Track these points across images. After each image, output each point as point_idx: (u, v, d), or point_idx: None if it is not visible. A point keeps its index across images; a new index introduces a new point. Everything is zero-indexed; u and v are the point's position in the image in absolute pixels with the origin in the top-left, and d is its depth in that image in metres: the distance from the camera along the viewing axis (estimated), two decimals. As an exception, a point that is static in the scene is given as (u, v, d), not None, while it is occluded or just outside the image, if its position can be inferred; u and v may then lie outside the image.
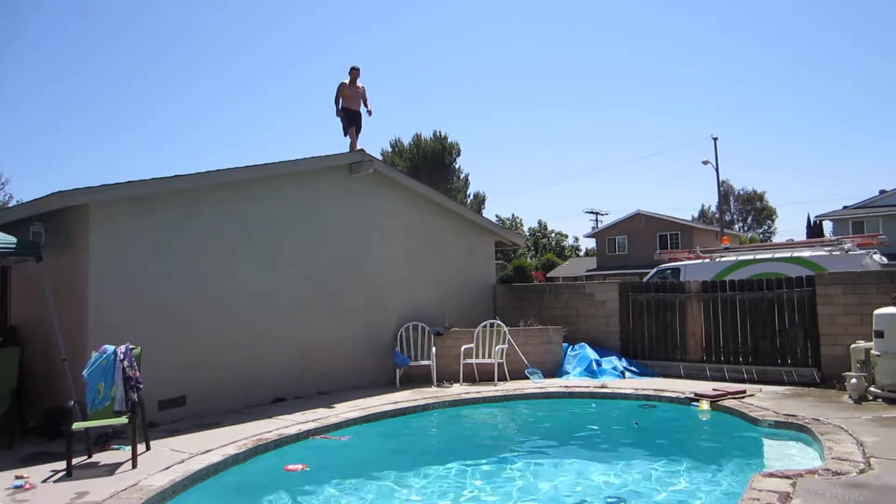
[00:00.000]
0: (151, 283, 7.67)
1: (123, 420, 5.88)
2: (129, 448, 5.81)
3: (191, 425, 7.31)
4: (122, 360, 6.13)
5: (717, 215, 49.44)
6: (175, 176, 7.83)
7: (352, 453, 6.77)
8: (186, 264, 8.06)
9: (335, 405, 8.40)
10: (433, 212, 11.92)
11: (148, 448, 6.21)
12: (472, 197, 48.76)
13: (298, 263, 9.45)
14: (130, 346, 6.35)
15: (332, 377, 9.62)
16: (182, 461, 5.80)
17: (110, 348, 6.21)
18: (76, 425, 5.76)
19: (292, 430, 7.04)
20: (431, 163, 44.58)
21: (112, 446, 6.41)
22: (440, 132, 46.68)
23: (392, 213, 11.09)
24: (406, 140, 47.09)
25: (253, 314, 8.74)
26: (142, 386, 6.21)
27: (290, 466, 6.01)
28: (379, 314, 10.62)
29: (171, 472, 5.45)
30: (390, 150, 46.63)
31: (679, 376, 10.41)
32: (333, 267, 9.98)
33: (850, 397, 7.86)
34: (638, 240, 41.91)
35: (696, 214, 66.87)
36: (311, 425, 7.30)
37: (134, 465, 5.62)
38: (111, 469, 5.62)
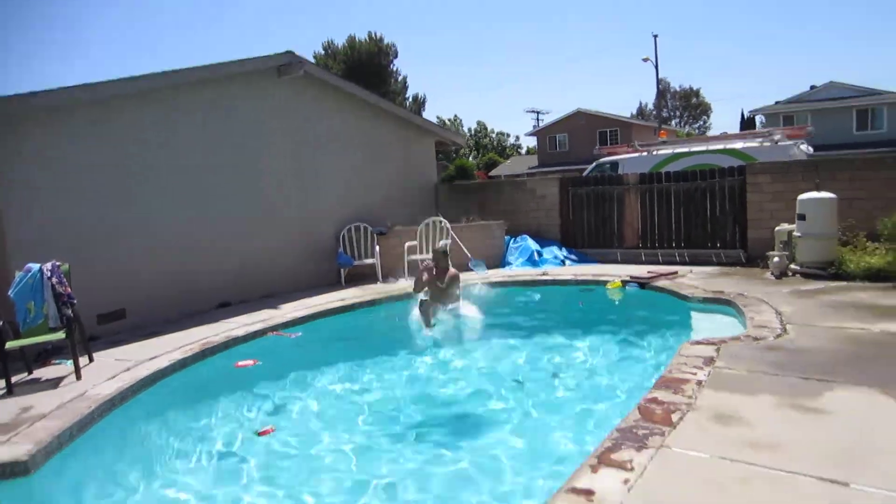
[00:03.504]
0: (73, 198, 7.26)
1: (60, 335, 5.67)
2: (70, 362, 5.67)
3: (133, 336, 7.17)
4: (49, 278, 5.87)
5: (654, 112, 49.98)
6: (87, 84, 7.22)
7: (302, 348, 6.87)
8: (108, 177, 7.61)
9: (281, 306, 8.43)
10: (371, 114, 11.61)
11: (91, 360, 6.07)
12: (410, 99, 47.53)
13: (230, 173, 9.11)
14: (57, 263, 6.05)
15: (276, 281, 9.59)
16: (128, 369, 5.72)
17: (35, 266, 5.91)
18: (9, 344, 5.53)
19: (240, 332, 7.04)
20: (367, 65, 42.91)
21: (53, 362, 6.24)
22: (376, 33, 44.76)
23: (327, 118, 10.74)
24: (340, 42, 45.02)
25: (186, 225, 8.47)
26: (75, 301, 5.97)
27: (241, 363, 6.08)
28: (319, 218, 10.50)
29: (117, 381, 5.37)
30: (323, 52, 44.55)
31: (616, 262, 10.86)
32: (268, 174, 9.69)
33: (772, 274, 8.38)
34: (578, 137, 42.15)
35: (634, 112, 67.41)
36: (259, 326, 7.32)
37: (78, 377, 5.50)
38: (54, 383, 5.49)
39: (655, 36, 34.82)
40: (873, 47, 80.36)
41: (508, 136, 67.50)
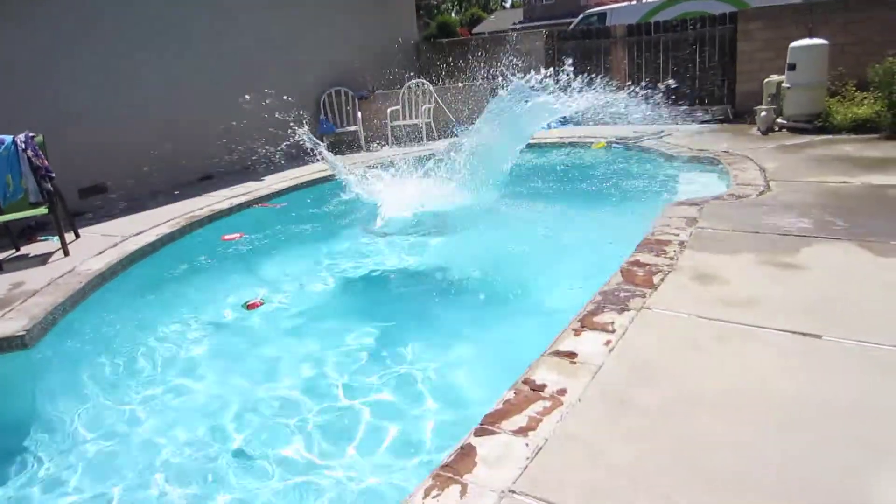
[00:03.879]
0: (44, 71, 6.91)
1: (43, 210, 5.64)
2: (56, 238, 5.68)
3: (117, 210, 7.15)
4: (24, 150, 5.72)
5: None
6: None
7: (287, 218, 6.87)
8: (78, 49, 7.22)
9: (265, 178, 8.34)
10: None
11: (77, 236, 6.09)
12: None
13: (206, 43, 8.64)
14: (31, 134, 5.88)
15: (259, 152, 9.39)
16: (115, 244, 5.76)
17: (8, 138, 5.72)
18: (-7, 219, 5.54)
19: (224, 205, 7.03)
20: None
21: (39, 238, 6.25)
22: None
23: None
24: None
25: (164, 95, 8.15)
26: (53, 175, 5.86)
27: (227, 236, 6.11)
28: (301, 83, 10.06)
29: (106, 256, 5.43)
30: None
31: (602, 121, 10.66)
32: (243, 43, 9.17)
33: (758, 129, 8.30)
34: (565, -14, 39.83)
35: (624, -46, 63.28)
36: (243, 198, 7.29)
37: (66, 254, 5.54)
38: (43, 259, 5.53)
39: None
40: None
41: (492, -14, 63.64)
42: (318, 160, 7.39)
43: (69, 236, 5.92)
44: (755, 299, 3.23)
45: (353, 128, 10.11)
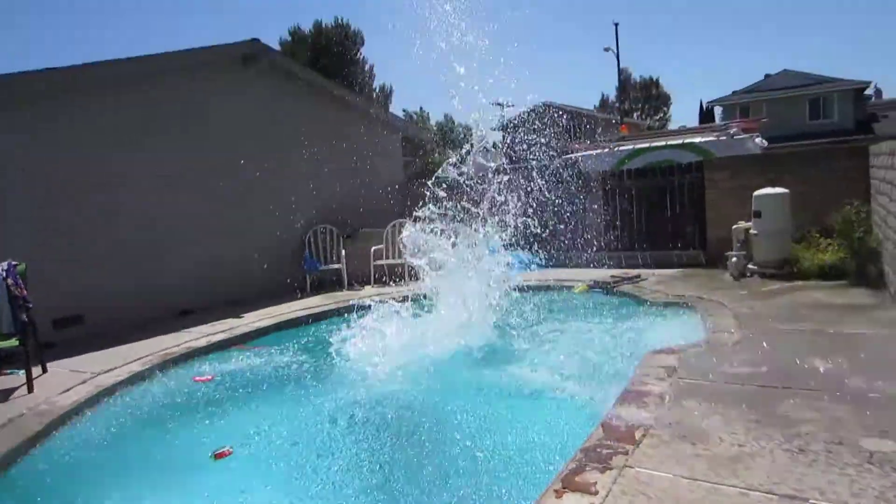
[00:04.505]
0: (28, 196, 7.07)
1: (14, 343, 5.48)
2: (23, 372, 5.50)
3: (91, 344, 6.98)
4: (4, 279, 5.69)
5: (617, 104, 50.50)
6: (41, 70, 7.01)
7: (262, 360, 6.75)
8: (64, 175, 7.43)
9: (245, 315, 8.31)
10: (337, 108, 11.47)
11: (45, 370, 5.90)
12: (378, 89, 47.13)
13: (193, 171, 8.95)
14: (13, 263, 5.85)
15: (240, 287, 9.43)
16: (84, 381, 5.60)
17: (-10, 266, 5.73)
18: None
19: (202, 343, 6.94)
20: (334, 53, 42.36)
21: (4, 372, 6.03)
22: (342, 19, 44.29)
23: (294, 115, 10.58)
24: (307, 27, 44.33)
25: (147, 228, 8.31)
26: (31, 305, 5.80)
27: (199, 378, 5.96)
28: (284, 219, 10.34)
29: (73, 394, 5.26)
30: (290, 39, 43.80)
31: (580, 265, 10.93)
32: (231, 172, 9.51)
33: (731, 275, 8.56)
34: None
35: (597, 104, 68.02)
36: (221, 336, 7.22)
37: (30, 390, 5.35)
38: (4, 395, 5.32)
39: (616, 24, 35.31)
40: (826, 35, 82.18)
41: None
42: (304, 296, 7.38)
43: (36, 370, 5.75)
44: (739, 457, 3.17)
45: (336, 265, 10.25)
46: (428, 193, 7.43)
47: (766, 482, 2.91)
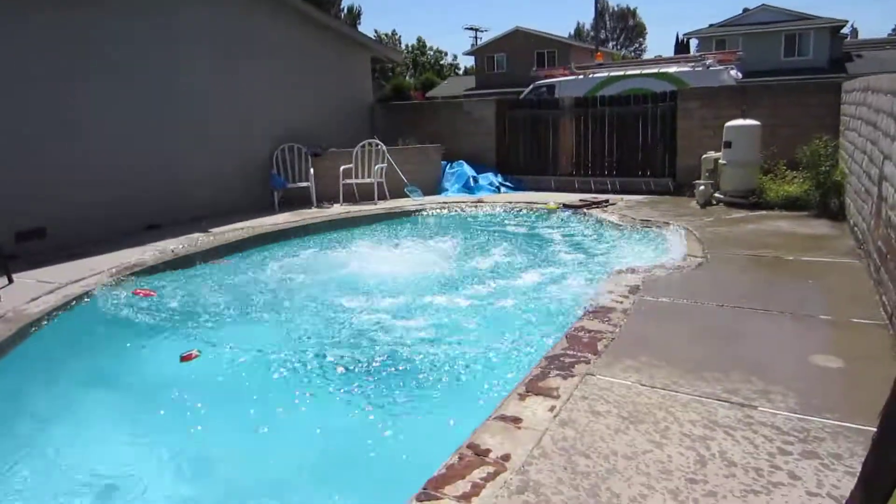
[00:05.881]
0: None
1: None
2: (-12, 282, 5.43)
3: (55, 256, 6.85)
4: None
5: (592, 33, 49.59)
6: None
7: (225, 277, 6.69)
8: (21, 85, 7.09)
9: (212, 229, 8.20)
10: (303, 26, 11.03)
11: (11, 281, 5.80)
12: (345, 11, 45.41)
13: (157, 88, 8.58)
14: None
15: (208, 203, 9.25)
16: (51, 291, 5.53)
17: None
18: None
19: (167, 256, 6.86)
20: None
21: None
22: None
23: (258, 31, 10.13)
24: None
25: (111, 140, 8.02)
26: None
27: (140, 291, 5.86)
28: (251, 137, 10.08)
29: (40, 303, 5.21)
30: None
31: (550, 189, 10.98)
32: (196, 91, 9.15)
33: (697, 203, 8.69)
34: (517, 58, 41.46)
35: (572, 32, 66.71)
36: (187, 250, 7.13)
37: (-3, 298, 5.29)
38: (-29, 304, 5.26)
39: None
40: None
41: (446, 54, 65.81)
42: (271, 213, 7.29)
43: (2, 280, 5.66)
44: (695, 369, 3.31)
45: (304, 184, 10.10)
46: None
47: (719, 390, 3.06)
